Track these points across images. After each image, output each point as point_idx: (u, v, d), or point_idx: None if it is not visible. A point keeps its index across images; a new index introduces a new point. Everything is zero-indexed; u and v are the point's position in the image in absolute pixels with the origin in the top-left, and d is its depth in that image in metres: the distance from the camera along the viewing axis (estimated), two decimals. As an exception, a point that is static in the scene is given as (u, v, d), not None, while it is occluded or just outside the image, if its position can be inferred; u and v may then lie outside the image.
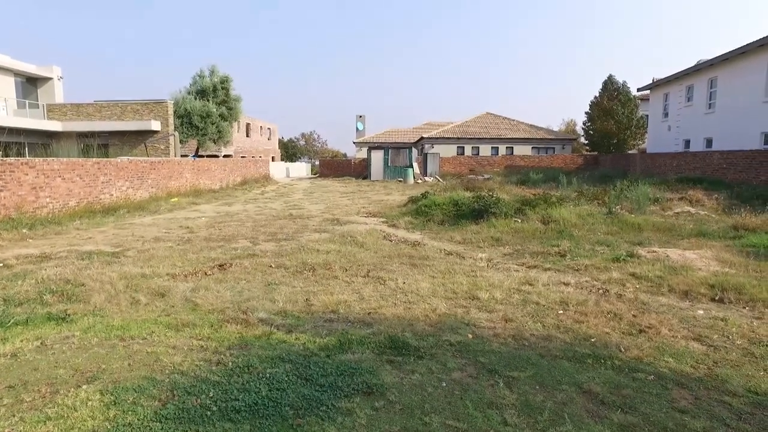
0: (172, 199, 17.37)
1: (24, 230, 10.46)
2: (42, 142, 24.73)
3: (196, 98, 27.96)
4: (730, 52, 20.25)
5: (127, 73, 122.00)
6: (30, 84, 27.53)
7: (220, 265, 6.93)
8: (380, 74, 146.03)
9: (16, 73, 26.30)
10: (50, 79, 27.81)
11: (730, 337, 4.29)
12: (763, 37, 17.81)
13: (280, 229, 10.69)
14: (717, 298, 5.39)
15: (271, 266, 6.94)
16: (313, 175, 47.23)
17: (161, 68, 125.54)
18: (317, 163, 57.88)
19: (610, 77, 37.36)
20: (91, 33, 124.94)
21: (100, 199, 14.65)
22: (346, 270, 6.73)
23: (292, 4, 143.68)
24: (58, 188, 13.01)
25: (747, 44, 18.99)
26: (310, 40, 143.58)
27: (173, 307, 5.21)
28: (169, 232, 10.52)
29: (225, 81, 29.64)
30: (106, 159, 16.13)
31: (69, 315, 4.84)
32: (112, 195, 15.26)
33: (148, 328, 4.49)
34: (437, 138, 39.79)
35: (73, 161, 13.89)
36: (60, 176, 13.13)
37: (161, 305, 5.26)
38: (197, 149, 30.52)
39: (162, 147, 25.32)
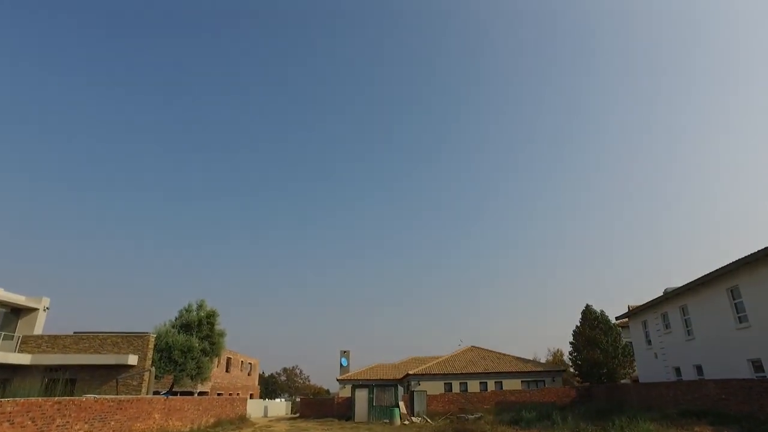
0: (133, 445, 15.57)
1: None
2: (4, 377, 23.26)
3: (179, 332, 27.63)
4: (692, 282, 21.26)
5: (116, 300, 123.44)
6: (13, 314, 27.21)
7: None
8: (365, 309, 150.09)
9: (3, 304, 26.23)
10: (36, 309, 27.67)
11: None
12: (719, 269, 19.01)
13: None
14: None
15: None
16: (292, 415, 43.95)
17: (149, 296, 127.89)
18: (298, 400, 54.60)
19: (587, 307, 38.66)
20: (89, 262, 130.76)
21: (48, 446, 13.01)
22: None
23: (280, 246, 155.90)
24: (-3, 438, 11.56)
25: (706, 275, 20.01)
26: (297, 277, 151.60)
27: None
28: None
29: (211, 316, 29.75)
30: (69, 398, 14.98)
31: None
32: (63, 441, 13.64)
33: None
34: (423, 374, 38.71)
35: (30, 402, 12.77)
36: (9, 420, 11.77)
37: None
38: (172, 385, 28.83)
39: (135, 383, 23.85)
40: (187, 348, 26.82)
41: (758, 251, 16.38)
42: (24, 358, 23.99)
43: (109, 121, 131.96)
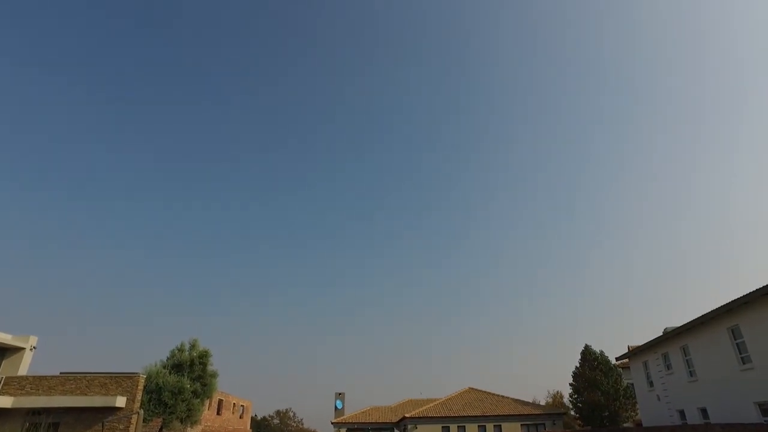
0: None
1: None
2: (-19, 424, 22.26)
3: (171, 372, 26.79)
4: (692, 321, 20.90)
5: (108, 340, 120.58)
6: (-2, 353, 26.34)
7: None
8: (361, 349, 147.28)
9: (-12, 343, 25.35)
10: (22, 349, 26.78)
11: None
12: (718, 308, 18.73)
13: None
14: None
15: None
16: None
17: (140, 335, 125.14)
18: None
19: (587, 347, 38.02)
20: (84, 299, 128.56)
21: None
22: None
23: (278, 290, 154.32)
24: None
25: (705, 314, 19.67)
26: (291, 316, 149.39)
27: None
28: None
29: (204, 356, 28.90)
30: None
31: None
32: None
33: None
34: (420, 417, 37.65)
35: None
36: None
37: None
38: (160, 429, 27.75)
39: (121, 427, 22.94)
40: (177, 389, 25.93)
41: (757, 290, 16.21)
42: (5, 401, 23.06)
43: (103, 159, 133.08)
